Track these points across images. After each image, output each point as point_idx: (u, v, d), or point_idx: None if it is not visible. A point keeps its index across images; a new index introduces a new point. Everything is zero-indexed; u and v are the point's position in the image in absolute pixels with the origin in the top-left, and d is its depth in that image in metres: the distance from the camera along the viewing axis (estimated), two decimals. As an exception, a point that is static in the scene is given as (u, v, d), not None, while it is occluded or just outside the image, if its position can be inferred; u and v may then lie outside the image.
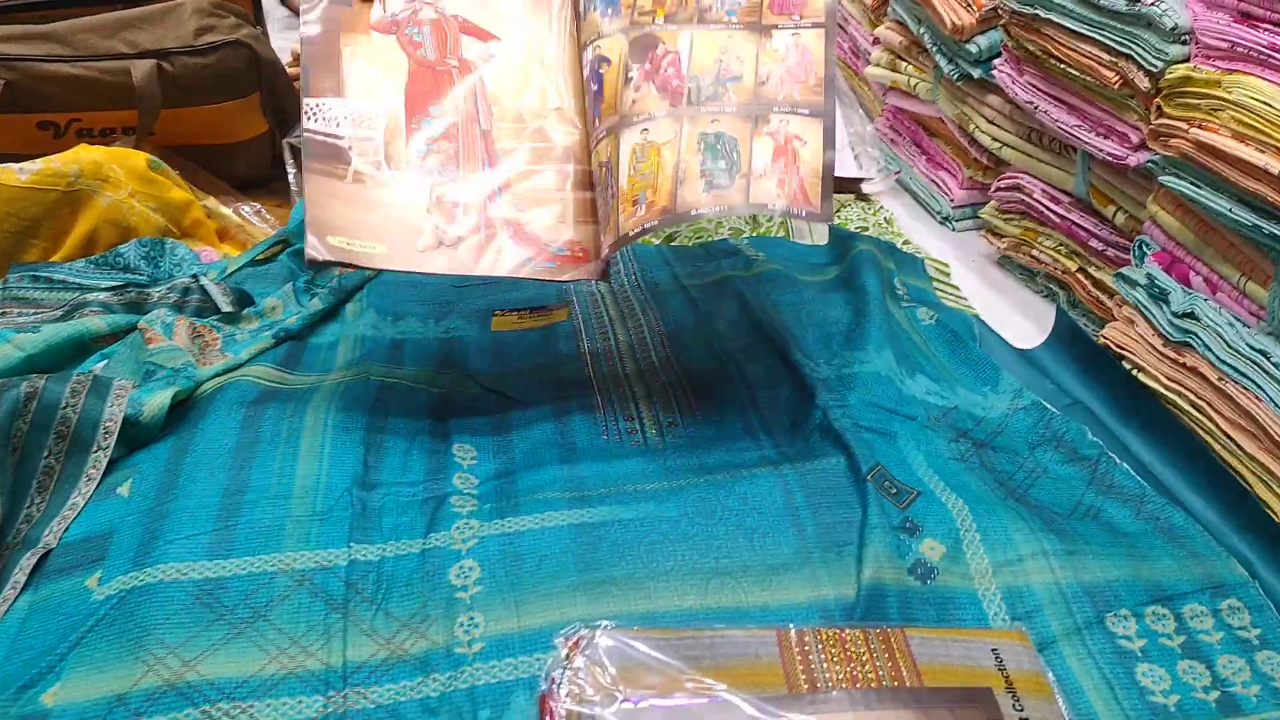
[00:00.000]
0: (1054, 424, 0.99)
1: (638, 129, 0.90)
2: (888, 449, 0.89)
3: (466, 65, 0.93)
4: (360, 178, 0.90)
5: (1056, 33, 1.13)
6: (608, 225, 0.90)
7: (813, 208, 0.88)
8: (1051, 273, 1.26)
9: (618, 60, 0.91)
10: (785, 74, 0.90)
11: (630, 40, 0.91)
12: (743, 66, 0.90)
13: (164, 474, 0.85)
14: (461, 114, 0.92)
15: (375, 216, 0.89)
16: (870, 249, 1.26)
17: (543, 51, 0.95)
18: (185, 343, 1.05)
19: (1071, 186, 1.21)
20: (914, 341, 1.11)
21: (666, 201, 0.88)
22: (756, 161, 0.89)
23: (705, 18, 0.91)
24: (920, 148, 1.56)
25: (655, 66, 0.90)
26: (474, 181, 0.92)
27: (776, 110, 0.90)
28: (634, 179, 0.89)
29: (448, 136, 0.92)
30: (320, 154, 0.89)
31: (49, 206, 1.19)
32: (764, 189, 0.88)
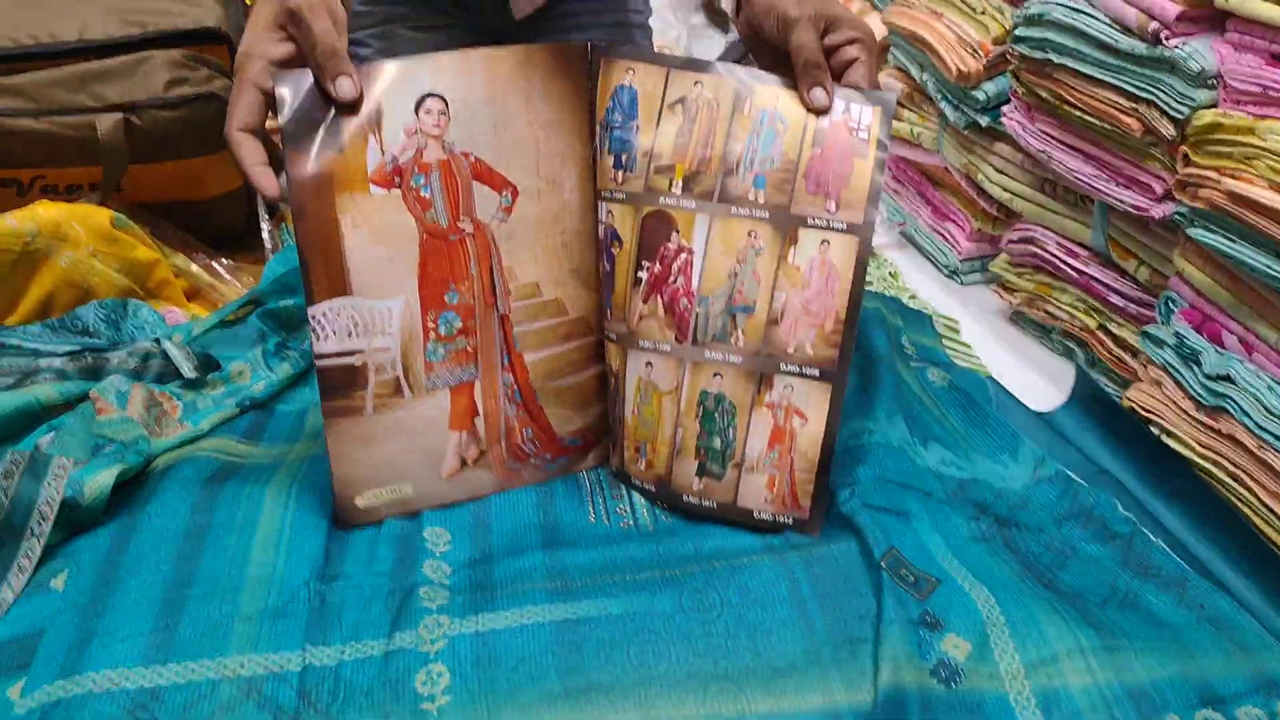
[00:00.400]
0: (1081, 496, 0.91)
1: (643, 359, 0.84)
2: (902, 530, 0.81)
3: (481, 230, 0.82)
4: (382, 403, 0.82)
5: (1071, 78, 1.07)
6: (615, 448, 0.89)
7: (800, 512, 0.83)
8: (1069, 330, 1.19)
9: (629, 243, 0.84)
10: (802, 309, 0.81)
11: (643, 216, 0.83)
12: (757, 290, 0.81)
13: (103, 564, 0.77)
14: (478, 299, 0.83)
15: (398, 447, 0.83)
16: (876, 305, 1.19)
17: (561, 195, 0.85)
18: (140, 412, 0.98)
19: (1089, 239, 1.14)
20: (926, 406, 1.03)
21: (663, 470, 0.86)
22: (752, 444, 0.83)
23: (729, 190, 0.81)
24: (924, 198, 1.50)
25: (665, 272, 0.83)
26: (493, 380, 0.85)
27: (783, 370, 0.82)
28: (636, 421, 0.86)
29: (466, 331, 0.83)
30: (336, 384, 0.80)
31: (4, 268, 1.12)
32: (753, 489, 0.83)
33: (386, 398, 0.82)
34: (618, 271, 0.85)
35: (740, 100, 0.82)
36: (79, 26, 1.33)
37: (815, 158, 0.81)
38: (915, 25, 1.36)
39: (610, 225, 0.85)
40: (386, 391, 0.82)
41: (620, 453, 0.88)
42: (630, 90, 0.83)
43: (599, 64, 0.83)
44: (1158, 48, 0.95)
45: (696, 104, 0.82)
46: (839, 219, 0.80)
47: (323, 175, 0.76)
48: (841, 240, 0.80)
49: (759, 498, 0.83)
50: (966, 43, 1.27)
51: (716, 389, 0.83)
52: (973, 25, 1.27)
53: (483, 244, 0.83)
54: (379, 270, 0.79)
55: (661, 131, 0.82)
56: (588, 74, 0.83)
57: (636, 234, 0.84)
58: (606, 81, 0.83)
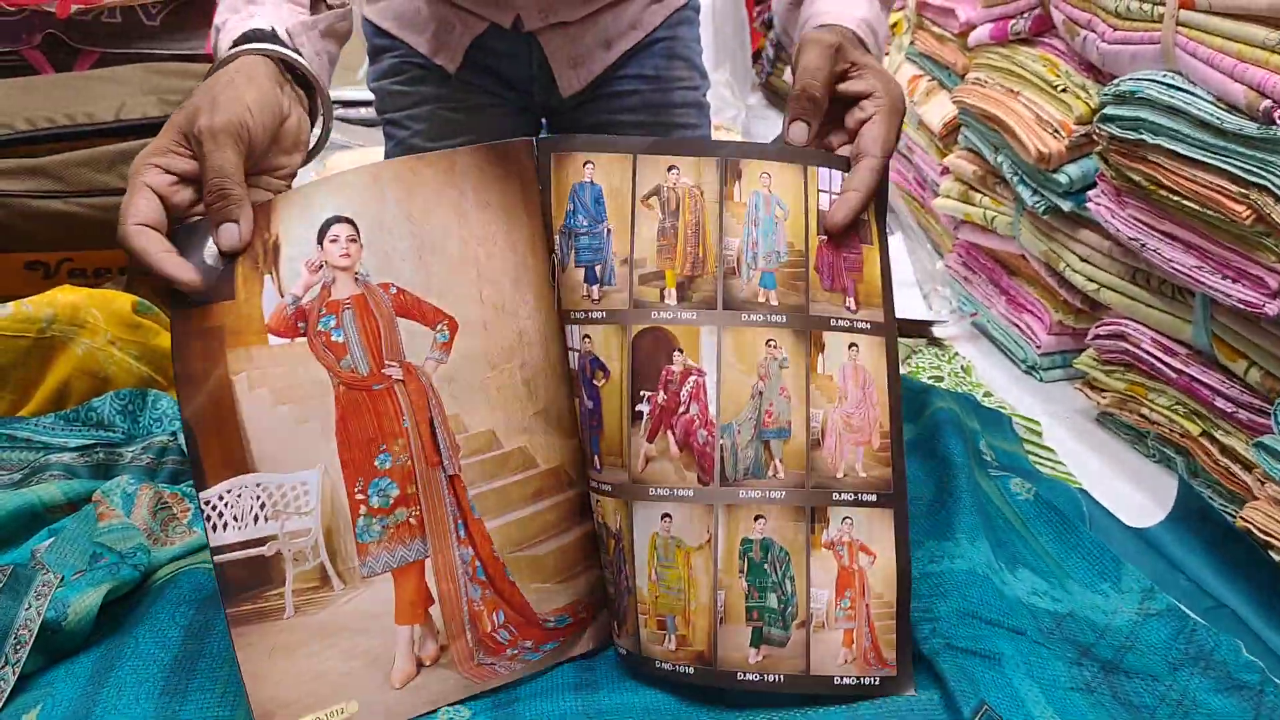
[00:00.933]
0: (1199, 637, 0.79)
1: (656, 511, 0.69)
2: (994, 680, 0.69)
3: (414, 375, 0.68)
4: (305, 600, 0.66)
5: (1167, 159, 0.97)
6: (623, 625, 0.72)
7: (886, 669, 0.70)
8: (1167, 435, 1.07)
9: (619, 372, 0.69)
10: (843, 424, 0.69)
11: (634, 336, 0.69)
12: (789, 408, 0.69)
13: (80, 699, 0.68)
14: (418, 459, 0.68)
15: (332, 656, 0.66)
16: (950, 407, 1.08)
17: (516, 323, 0.70)
18: (144, 518, 0.90)
19: (1189, 336, 1.03)
20: (1011, 524, 0.92)
21: (704, 647, 0.70)
22: (817, 595, 0.69)
23: (734, 294, 0.69)
24: (999, 287, 1.40)
25: (673, 401, 0.69)
26: (448, 557, 0.69)
27: (837, 500, 0.69)
28: (656, 589, 0.70)
29: (405, 500, 0.68)
30: (242, 583, 0.64)
31: (18, 354, 1.06)
32: (828, 649, 0.69)
33: (311, 593, 0.66)
34: (606, 408, 0.70)
35: (727, 183, 0.70)
36: (116, 107, 1.30)
37: (823, 246, 0.70)
38: (989, 104, 1.27)
39: (588, 352, 0.70)
40: (310, 585, 0.66)
41: (633, 632, 0.71)
42: (593, 187, 0.70)
43: (549, 161, 0.71)
44: (1271, 128, 0.85)
45: (675, 193, 0.70)
46: (861, 318, 0.70)
47: (210, 330, 0.63)
48: (869, 343, 0.70)
49: (836, 659, 0.69)
50: (1047, 122, 1.18)
51: (761, 534, 0.69)
52: (1053, 104, 1.19)
53: (417, 391, 0.68)
54: (286, 437, 0.65)
55: (639, 232, 0.70)
56: (535, 174, 0.71)
57: (628, 359, 0.70)
58: (561, 180, 0.71)
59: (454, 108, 1.31)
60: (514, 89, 1.31)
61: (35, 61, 1.67)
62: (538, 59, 1.28)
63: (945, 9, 1.54)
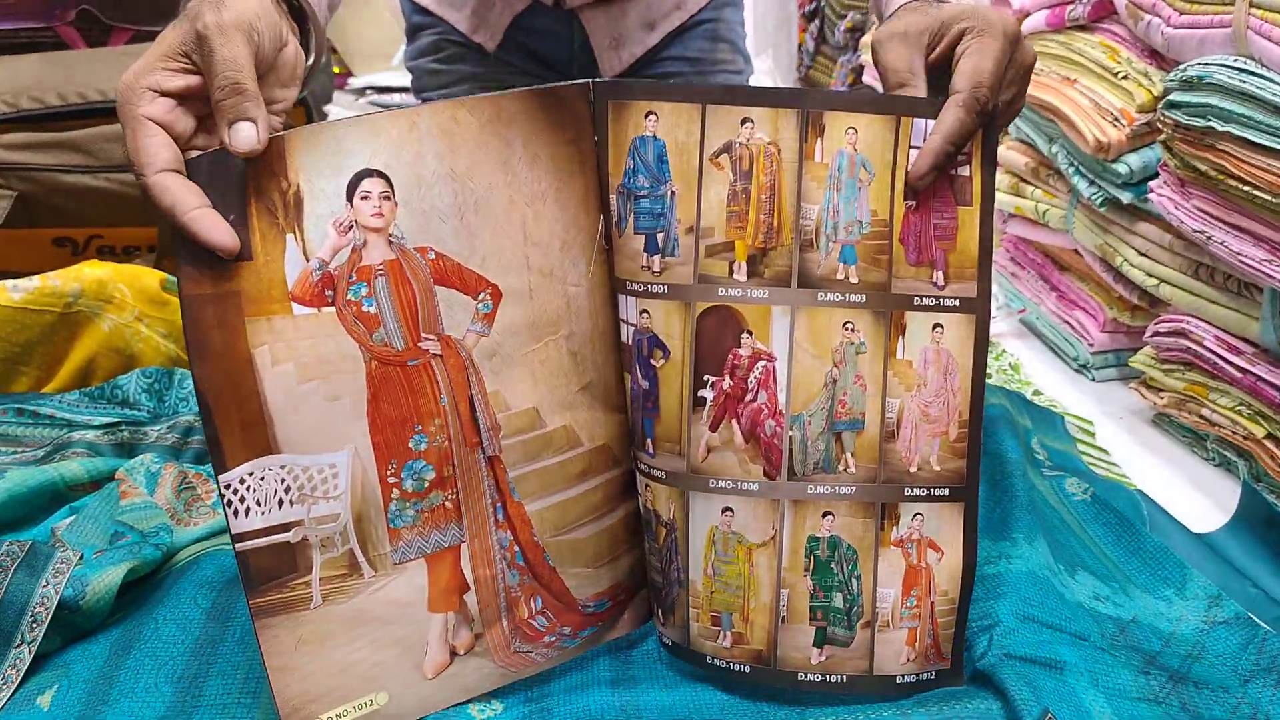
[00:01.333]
0: (1269, 646, 0.75)
1: (717, 505, 0.65)
2: (1057, 689, 0.65)
3: (453, 349, 0.63)
4: (334, 589, 0.61)
5: (1237, 148, 0.93)
6: (670, 616, 0.68)
7: (942, 662, 0.66)
8: (1229, 437, 1.02)
9: (681, 352, 0.64)
10: (920, 414, 0.65)
11: (699, 314, 0.64)
12: (864, 399, 0.64)
13: (97, 680, 0.66)
14: (456, 440, 0.63)
15: (362, 647, 0.62)
16: (1002, 403, 1.04)
17: (564, 291, 0.65)
18: (168, 497, 0.87)
19: (1256, 334, 0.98)
20: (1068, 525, 0.88)
21: (763, 646, 0.66)
22: (884, 594, 0.65)
23: (810, 270, 0.63)
24: (1049, 283, 1.35)
25: (739, 387, 0.64)
26: (485, 542, 0.65)
27: (910, 495, 0.65)
28: (712, 584, 0.66)
29: (441, 483, 0.63)
30: (266, 572, 0.59)
31: (43, 330, 1.04)
32: (892, 649, 0.66)
33: (339, 581, 0.62)
34: (665, 391, 0.65)
35: (808, 140, 0.63)
36: (149, 82, 1.28)
37: (910, 213, 0.63)
38: (1044, 92, 1.23)
39: (645, 329, 0.65)
40: (339, 573, 0.62)
41: (683, 624, 0.68)
42: (656, 143, 0.63)
43: (606, 110, 0.63)
44: (1357, 111, 0.80)
45: (749, 150, 0.63)
46: (950, 294, 0.63)
47: (226, 295, 0.56)
48: (956, 322, 0.64)
49: (899, 659, 0.66)
50: (1106, 110, 1.13)
51: (829, 531, 0.65)
52: (1113, 92, 1.14)
53: (456, 367, 0.63)
54: (313, 416, 0.59)
55: (707, 195, 0.63)
56: (592, 125, 0.64)
57: (691, 340, 0.64)
58: (619, 132, 0.63)
59: (491, 87, 1.28)
60: (553, 69, 1.28)
61: (68, 38, 1.65)
62: (579, 39, 1.25)
63: (997, -3, 1.49)
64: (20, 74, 1.32)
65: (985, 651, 0.68)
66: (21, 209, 1.16)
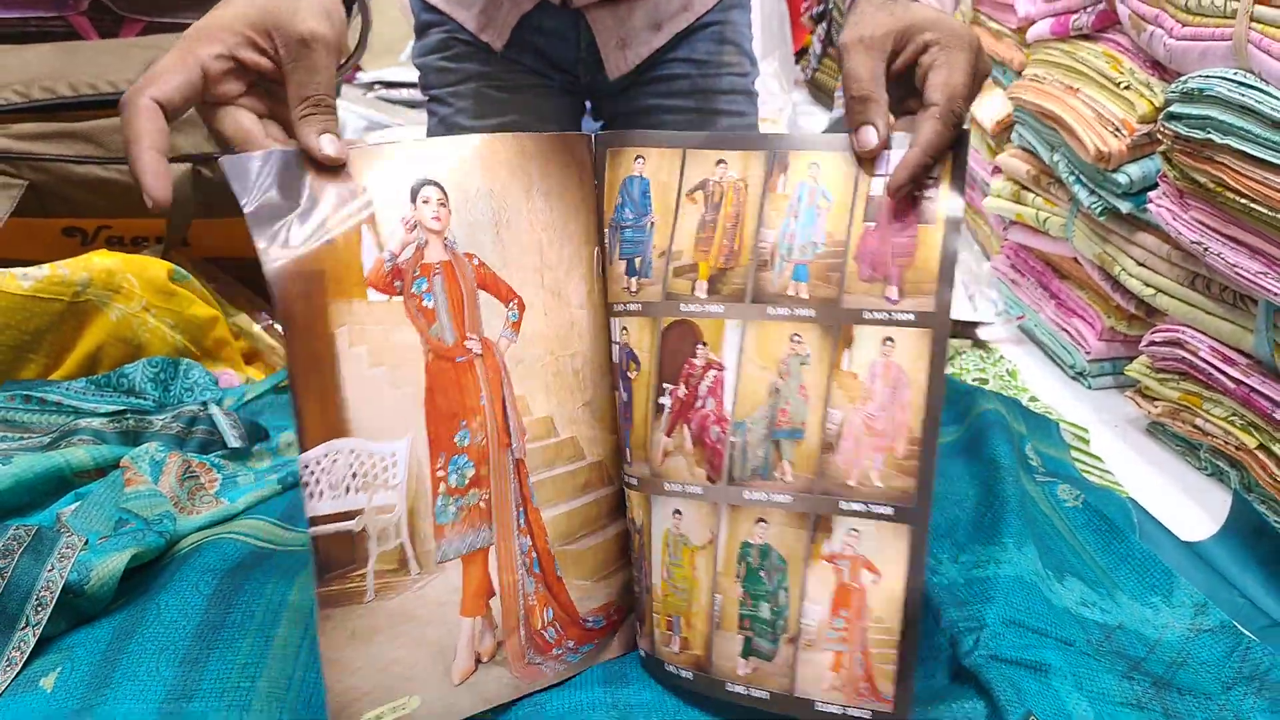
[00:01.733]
0: (1253, 655, 0.76)
1: (670, 507, 0.68)
2: (1041, 692, 0.66)
3: (491, 352, 0.66)
4: (385, 583, 0.62)
5: (1236, 161, 0.94)
6: (643, 625, 0.71)
7: (879, 701, 0.63)
8: (1221, 447, 1.03)
9: (648, 364, 0.69)
10: (863, 429, 0.64)
11: (664, 329, 0.68)
12: (806, 408, 0.65)
13: (100, 663, 0.67)
14: (492, 439, 0.66)
15: (402, 645, 0.63)
16: (997, 408, 1.05)
17: (569, 311, 0.69)
18: (172, 485, 0.89)
19: (1250, 345, 0.99)
20: (1059, 531, 0.89)
21: (701, 650, 0.67)
22: (810, 611, 0.64)
23: (764, 287, 0.66)
24: (1048, 291, 1.36)
25: (691, 395, 0.67)
26: (510, 546, 0.67)
27: (844, 509, 0.64)
28: (667, 587, 0.68)
29: (479, 481, 0.65)
30: (334, 560, 0.60)
31: (52, 318, 1.05)
32: (813, 669, 0.64)
33: (390, 576, 0.62)
34: (635, 400, 0.69)
35: (772, 175, 0.67)
36: (158, 74, 1.29)
37: (868, 233, 0.65)
38: (1047, 100, 1.24)
39: (625, 344, 0.70)
40: (390, 567, 0.62)
41: (649, 632, 0.70)
42: (641, 181, 0.69)
43: (604, 157, 0.70)
44: (1352, 128, 0.81)
45: (720, 187, 0.68)
46: (904, 309, 0.63)
47: (311, 271, 0.58)
48: (910, 336, 0.63)
49: (821, 683, 0.64)
50: (1108, 120, 1.14)
51: (761, 539, 0.65)
52: (1115, 101, 1.15)
53: (493, 368, 0.66)
54: (380, 402, 0.61)
55: (681, 225, 0.69)
56: (593, 168, 0.70)
57: (656, 351, 0.68)
58: (614, 174, 0.70)
59: (498, 86, 1.29)
60: (560, 69, 1.29)
61: (80, 28, 1.66)
62: (585, 39, 1.26)
63: (1003, 4, 1.50)
64: (31, 64, 1.33)
65: (971, 650, 0.69)
66: (33, 198, 1.18)
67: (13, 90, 1.26)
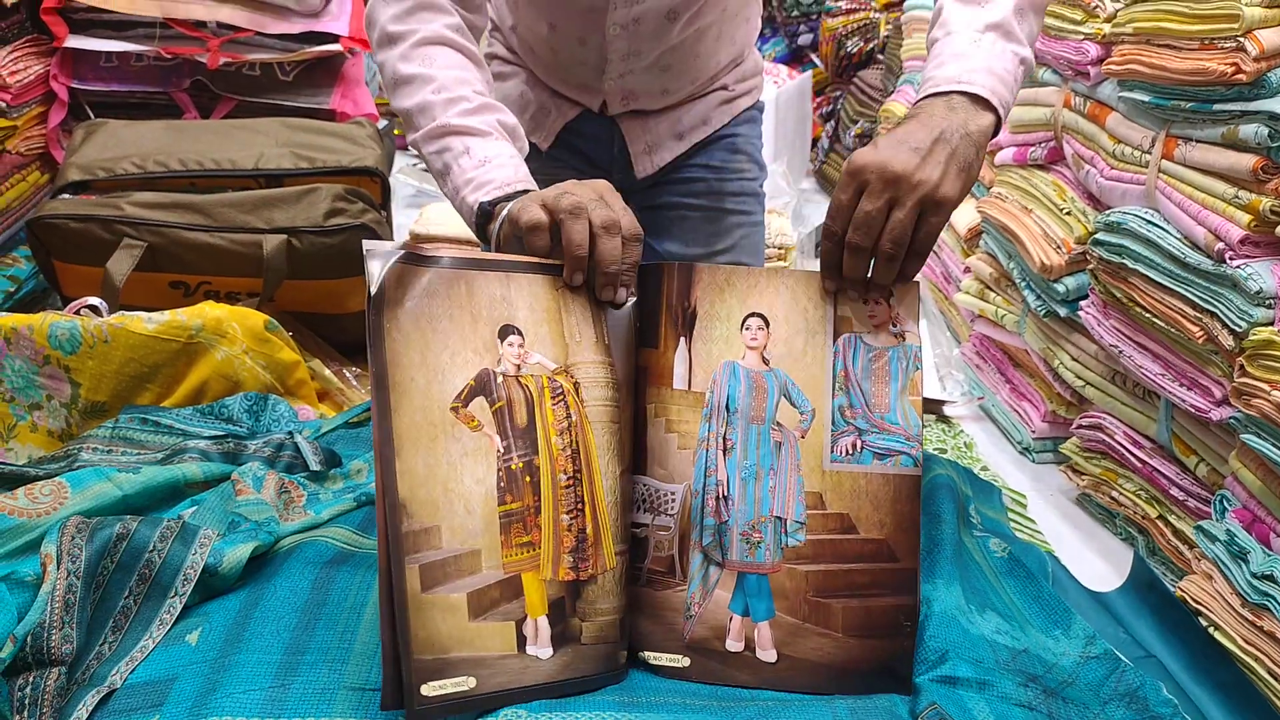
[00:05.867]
0: (1127, 677, 0.96)
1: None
2: (947, 693, 0.87)
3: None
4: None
5: (1143, 283, 1.16)
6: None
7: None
8: (1131, 516, 1.24)
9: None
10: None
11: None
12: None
13: (232, 626, 0.88)
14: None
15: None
16: (948, 474, 1.26)
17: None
18: (272, 497, 1.10)
19: (1154, 432, 1.21)
20: (985, 575, 1.09)
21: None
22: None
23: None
24: (1004, 376, 1.58)
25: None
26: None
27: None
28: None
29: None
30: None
31: (169, 355, 1.27)
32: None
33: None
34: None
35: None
36: (256, 156, 1.53)
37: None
38: (1006, 217, 1.47)
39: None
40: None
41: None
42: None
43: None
44: (1221, 266, 1.03)
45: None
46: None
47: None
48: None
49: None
50: (1051, 239, 1.37)
51: None
52: (1058, 223, 1.37)
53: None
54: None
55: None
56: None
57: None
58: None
59: (544, 179, 1.51)
60: (597, 168, 1.52)
61: (181, 102, 1.91)
62: (618, 144, 1.49)
63: (979, 128, 1.74)
64: (145, 139, 1.57)
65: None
66: (148, 257, 1.40)
67: (130, 162, 1.50)
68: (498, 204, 0.99)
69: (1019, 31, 0.94)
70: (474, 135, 1.04)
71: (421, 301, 0.82)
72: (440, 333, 0.83)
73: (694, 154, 1.53)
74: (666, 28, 1.30)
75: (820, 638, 0.88)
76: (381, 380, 0.80)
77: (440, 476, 0.82)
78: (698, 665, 0.88)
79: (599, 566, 0.87)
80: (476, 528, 0.83)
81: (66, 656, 0.82)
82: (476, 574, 0.83)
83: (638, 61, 1.34)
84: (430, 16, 1.11)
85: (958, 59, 0.92)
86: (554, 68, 1.42)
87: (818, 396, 0.90)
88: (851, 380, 0.90)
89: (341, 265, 1.47)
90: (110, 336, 1.25)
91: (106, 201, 1.43)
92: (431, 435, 0.82)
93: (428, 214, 2.01)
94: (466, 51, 1.11)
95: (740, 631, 0.88)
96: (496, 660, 0.83)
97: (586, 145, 1.51)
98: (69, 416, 1.28)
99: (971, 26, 0.94)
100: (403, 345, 0.81)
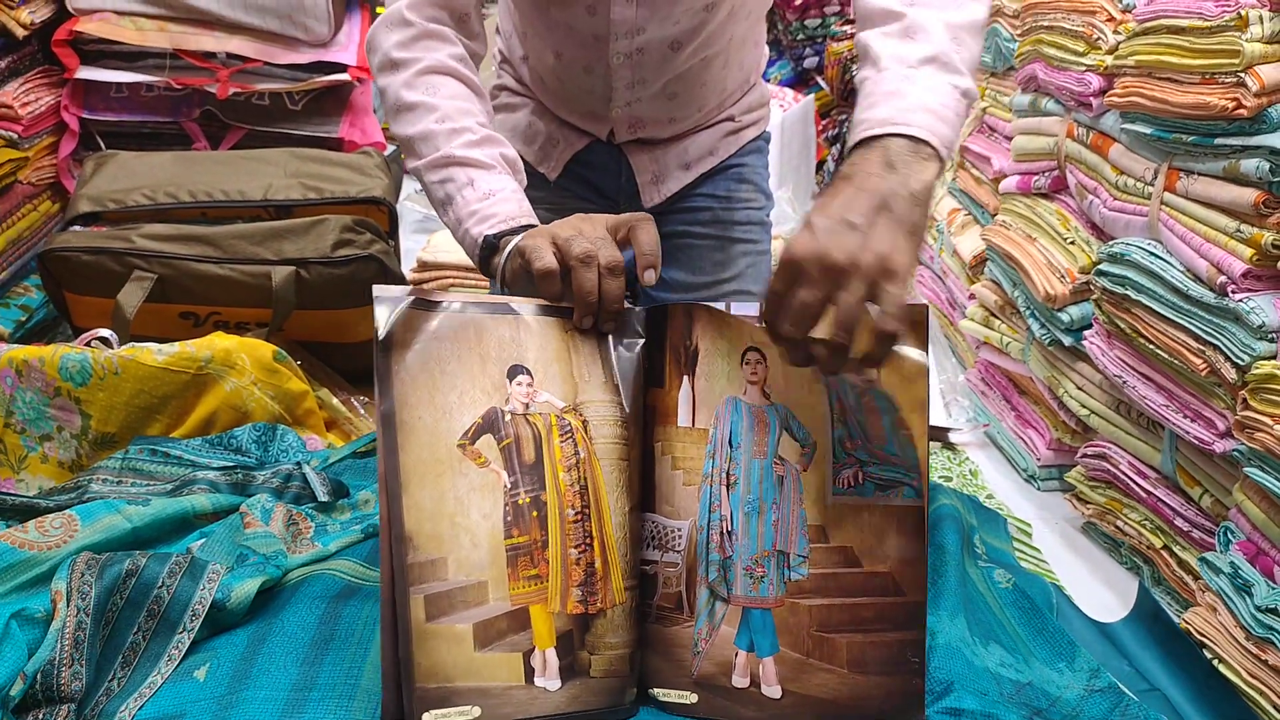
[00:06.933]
0: (1131, 711, 0.96)
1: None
2: (952, 720, 0.87)
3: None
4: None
5: (1146, 314, 1.16)
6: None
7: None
8: (1136, 546, 1.24)
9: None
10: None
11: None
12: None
13: (240, 661, 0.88)
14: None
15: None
16: (953, 503, 1.26)
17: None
18: (280, 530, 1.10)
19: (1159, 463, 1.21)
20: (989, 607, 1.09)
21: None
22: None
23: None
24: (1010, 403, 1.58)
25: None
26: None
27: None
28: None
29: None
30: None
31: (178, 387, 1.28)
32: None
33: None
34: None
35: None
36: (265, 187, 1.54)
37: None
38: (1011, 246, 1.47)
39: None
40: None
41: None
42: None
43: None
44: (1224, 299, 1.04)
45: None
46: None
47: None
48: None
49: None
50: (1056, 268, 1.37)
51: None
52: (1062, 252, 1.38)
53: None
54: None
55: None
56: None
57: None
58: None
59: (550, 209, 1.52)
60: (604, 197, 1.53)
61: (191, 131, 1.93)
62: (626, 174, 1.50)
63: (983, 156, 1.75)
64: (155, 170, 1.58)
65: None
66: (158, 288, 1.42)
67: (141, 194, 1.52)
68: (503, 238, 1.00)
69: (957, 61, 0.89)
70: (478, 167, 1.06)
71: (430, 345, 0.83)
72: (449, 374, 0.83)
73: (701, 184, 1.54)
74: (671, 57, 1.31)
75: (825, 674, 0.88)
76: (389, 420, 0.80)
77: (447, 511, 0.83)
78: (705, 701, 0.88)
79: (608, 600, 0.87)
80: (483, 560, 0.84)
81: (76, 694, 0.83)
82: (483, 605, 0.84)
83: (644, 90, 1.36)
84: (435, 45, 1.13)
85: (890, 98, 0.86)
86: (562, 96, 1.43)
87: (819, 429, 0.90)
88: (848, 412, 0.90)
89: (350, 295, 1.48)
90: (120, 368, 1.26)
91: (117, 234, 1.44)
92: (438, 471, 0.83)
93: (436, 240, 2.02)
94: (469, 83, 1.13)
95: (745, 667, 0.88)
96: (503, 691, 0.83)
97: (594, 175, 1.52)
98: (79, 447, 1.29)
99: (904, 62, 0.89)
100: (410, 386, 0.82)
